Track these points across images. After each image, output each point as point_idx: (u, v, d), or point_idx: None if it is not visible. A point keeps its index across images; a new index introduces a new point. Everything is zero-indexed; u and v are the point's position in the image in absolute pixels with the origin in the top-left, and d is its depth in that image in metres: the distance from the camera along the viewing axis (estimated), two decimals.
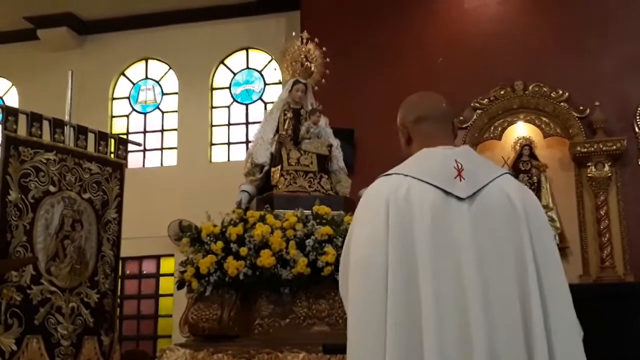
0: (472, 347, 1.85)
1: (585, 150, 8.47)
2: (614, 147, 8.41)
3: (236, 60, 11.80)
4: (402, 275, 1.92)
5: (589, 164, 8.51)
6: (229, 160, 11.33)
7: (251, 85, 11.68)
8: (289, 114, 6.08)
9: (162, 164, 11.68)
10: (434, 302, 1.88)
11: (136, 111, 12.01)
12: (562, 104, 8.74)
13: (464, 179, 2.04)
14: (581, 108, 8.67)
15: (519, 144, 8.70)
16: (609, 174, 8.46)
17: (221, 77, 11.80)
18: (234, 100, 11.68)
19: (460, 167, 2.06)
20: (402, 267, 1.93)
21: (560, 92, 8.77)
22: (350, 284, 2.03)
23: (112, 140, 6.43)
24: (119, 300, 8.28)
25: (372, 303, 1.93)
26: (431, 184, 2.02)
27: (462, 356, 1.86)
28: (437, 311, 1.88)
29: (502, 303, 1.92)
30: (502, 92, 8.93)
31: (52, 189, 5.61)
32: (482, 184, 2.05)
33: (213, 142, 11.52)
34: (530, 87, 8.86)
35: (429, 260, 1.92)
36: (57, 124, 5.82)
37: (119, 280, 7.00)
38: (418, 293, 1.90)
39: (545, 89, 8.82)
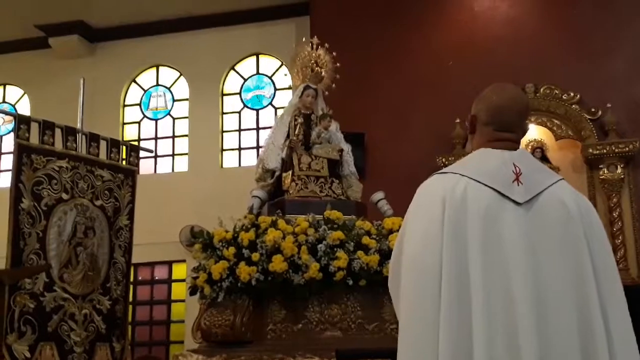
0: (520, 352, 1.85)
1: (598, 152, 8.42)
2: (626, 148, 8.36)
3: (246, 66, 11.83)
4: (454, 278, 1.92)
5: (601, 166, 8.46)
6: (240, 165, 11.34)
7: (261, 91, 11.70)
8: (300, 119, 6.08)
9: (173, 170, 11.72)
10: (484, 310, 1.88)
11: (147, 118, 12.05)
12: (573, 106, 8.70)
13: (521, 183, 2.03)
14: (593, 110, 8.62)
15: (530, 147, 8.65)
16: (622, 176, 8.41)
17: (232, 82, 11.83)
18: (245, 105, 11.70)
19: (518, 171, 2.04)
20: (455, 270, 1.92)
21: (572, 94, 8.73)
22: (403, 281, 2.02)
23: (124, 147, 6.45)
24: (131, 307, 8.30)
25: (425, 303, 1.92)
26: (489, 186, 2.01)
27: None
28: (487, 320, 1.87)
29: (557, 309, 1.91)
30: None
31: (64, 196, 5.63)
32: (539, 189, 2.04)
33: (224, 147, 11.55)
34: (542, 90, 8.82)
35: (480, 264, 1.92)
36: (69, 132, 5.84)
37: (131, 286, 7.02)
38: (469, 298, 1.90)
39: (556, 92, 8.78)
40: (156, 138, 11.91)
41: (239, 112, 11.70)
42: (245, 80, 11.77)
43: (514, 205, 2.00)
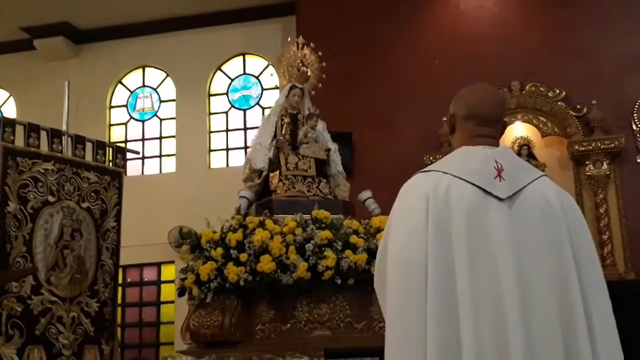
0: (509, 349, 1.86)
1: (584, 148, 8.47)
2: (612, 145, 8.41)
3: (233, 66, 11.81)
4: (441, 274, 1.92)
5: (588, 162, 8.50)
6: (227, 166, 11.32)
7: (248, 91, 11.69)
8: (287, 119, 6.08)
9: (161, 171, 11.69)
10: (471, 304, 1.89)
11: (134, 119, 12.01)
12: (559, 103, 8.74)
13: (503, 179, 2.04)
14: (578, 107, 8.67)
15: (517, 144, 8.68)
16: (608, 172, 8.46)
17: (218, 83, 11.81)
18: (232, 106, 11.68)
19: (500, 167, 2.06)
20: (441, 266, 1.93)
21: (557, 91, 8.77)
22: (388, 279, 2.02)
23: (110, 149, 6.42)
24: (120, 308, 8.25)
25: (411, 300, 1.93)
26: (471, 183, 2.02)
27: (499, 357, 1.87)
28: (475, 314, 1.88)
29: (540, 303, 1.93)
30: None
31: (50, 199, 5.61)
32: (522, 185, 2.05)
33: (211, 148, 11.53)
34: (527, 87, 8.86)
35: (466, 260, 1.93)
36: (55, 134, 5.82)
37: (120, 288, 6.99)
38: (455, 294, 1.91)
39: (542, 89, 8.82)
40: (143, 139, 11.87)
41: (226, 113, 11.68)
42: (232, 80, 11.75)
43: (497, 202, 2.01)
